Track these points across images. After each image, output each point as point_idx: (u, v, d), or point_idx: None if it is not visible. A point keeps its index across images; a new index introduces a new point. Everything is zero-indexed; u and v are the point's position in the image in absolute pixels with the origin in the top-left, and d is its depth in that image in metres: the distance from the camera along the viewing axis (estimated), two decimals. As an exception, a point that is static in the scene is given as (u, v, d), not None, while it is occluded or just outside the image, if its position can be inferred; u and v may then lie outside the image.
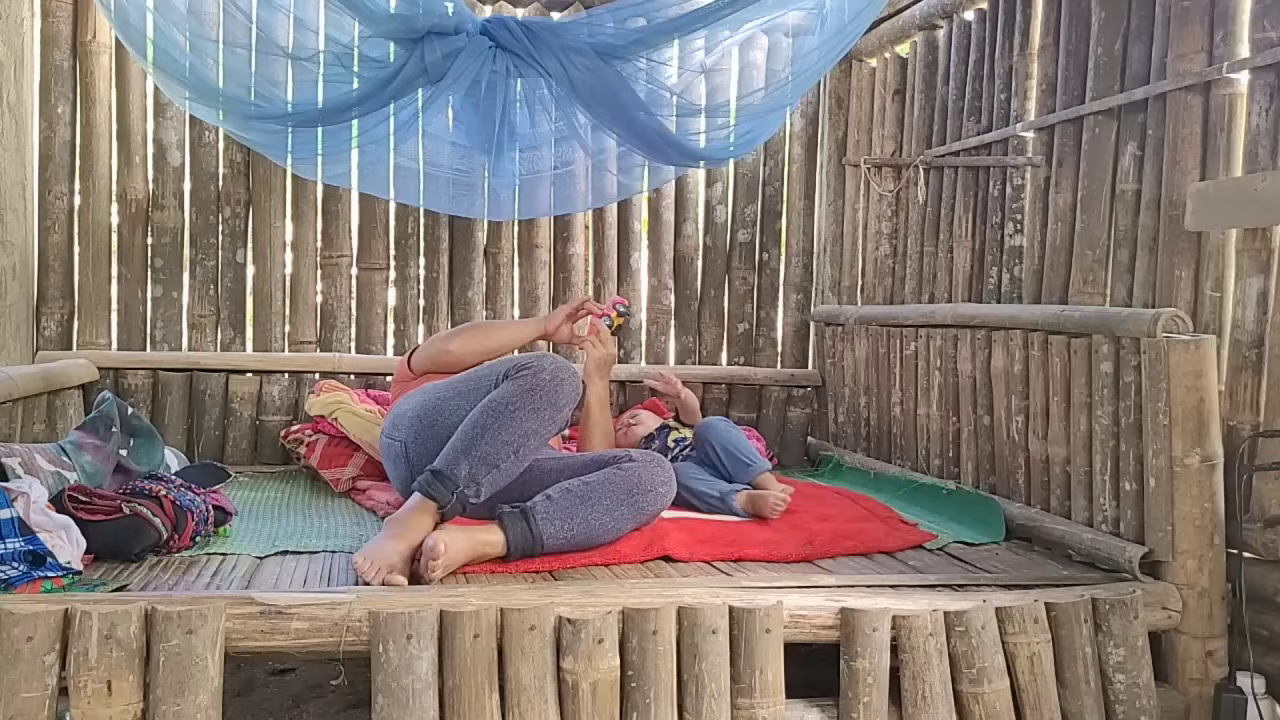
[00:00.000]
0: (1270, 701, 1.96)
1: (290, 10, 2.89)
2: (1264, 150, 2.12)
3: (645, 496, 2.16)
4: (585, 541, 2.09)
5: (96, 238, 3.30)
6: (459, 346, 2.65)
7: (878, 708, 1.77)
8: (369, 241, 3.52)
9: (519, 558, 2.03)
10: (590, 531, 2.08)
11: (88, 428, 2.42)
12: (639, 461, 2.21)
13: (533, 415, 2.11)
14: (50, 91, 3.22)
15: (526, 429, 2.10)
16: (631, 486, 2.15)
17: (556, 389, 2.15)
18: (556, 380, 2.16)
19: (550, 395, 2.14)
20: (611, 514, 2.11)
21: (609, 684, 1.66)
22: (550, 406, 2.14)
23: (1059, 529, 2.32)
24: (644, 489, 2.16)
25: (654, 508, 2.20)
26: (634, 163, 3.38)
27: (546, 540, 2.03)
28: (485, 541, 2.00)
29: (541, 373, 2.15)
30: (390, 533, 1.99)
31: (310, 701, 2.42)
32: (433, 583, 1.90)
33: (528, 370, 2.16)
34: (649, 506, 2.18)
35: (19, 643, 1.49)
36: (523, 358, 2.25)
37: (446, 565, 1.92)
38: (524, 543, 2.01)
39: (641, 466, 2.20)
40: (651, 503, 2.18)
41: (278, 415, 3.40)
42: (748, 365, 3.82)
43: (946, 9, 3.18)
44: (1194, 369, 2.02)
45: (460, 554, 1.95)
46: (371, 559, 1.90)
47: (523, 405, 2.10)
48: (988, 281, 2.97)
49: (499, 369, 2.24)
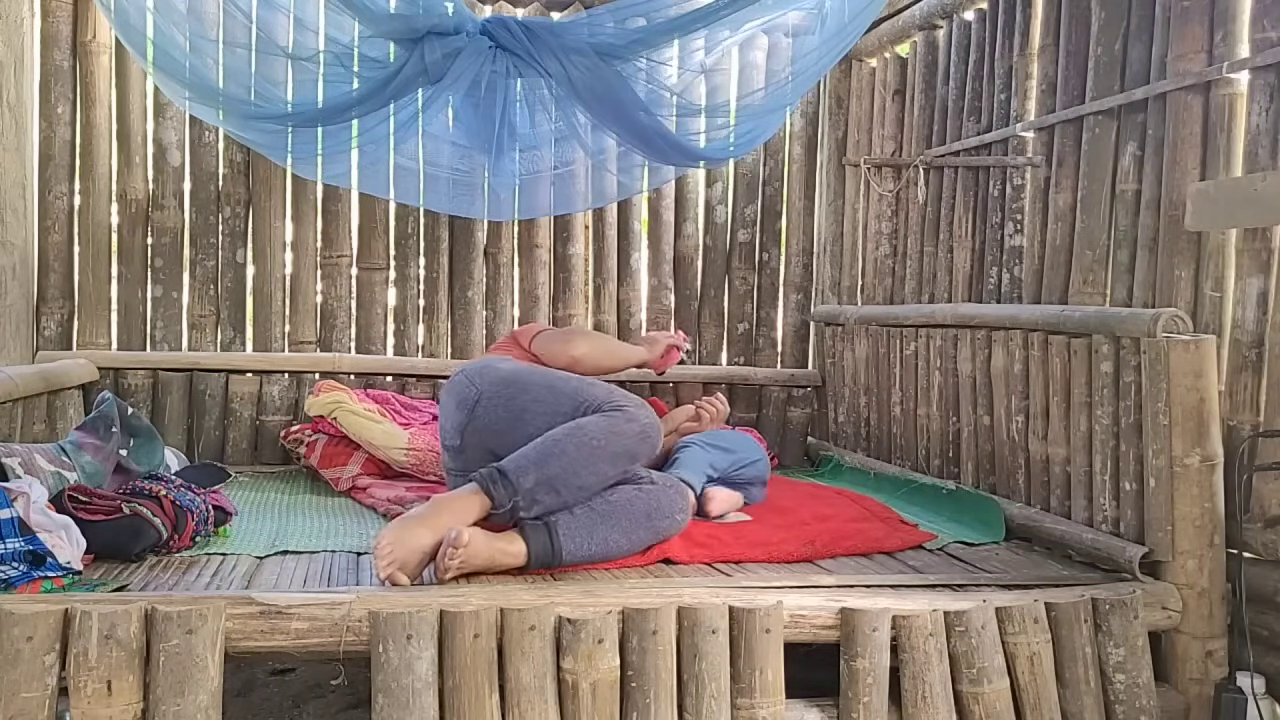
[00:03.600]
0: (1270, 701, 1.96)
1: (290, 10, 2.89)
2: (1264, 150, 2.12)
3: (663, 521, 2.17)
4: (602, 558, 2.09)
5: (96, 238, 3.30)
6: (588, 357, 2.63)
7: (878, 708, 1.77)
8: (369, 241, 3.52)
9: (537, 569, 2.02)
10: (608, 550, 2.09)
11: (88, 428, 2.42)
12: (660, 486, 2.22)
13: (611, 460, 2.12)
14: (50, 91, 3.22)
15: (601, 471, 2.10)
16: (651, 510, 2.15)
17: (641, 444, 2.18)
18: (645, 436, 2.19)
19: (634, 447, 2.16)
20: (629, 536, 2.11)
21: (609, 684, 1.66)
22: (629, 458, 2.16)
23: (1059, 529, 2.32)
24: (663, 514, 2.17)
25: (670, 532, 2.21)
26: (634, 163, 3.38)
27: (565, 556, 2.02)
28: (505, 551, 1.97)
29: (634, 423, 2.17)
30: (429, 512, 1.95)
31: (310, 701, 2.42)
32: (444, 578, 1.88)
33: (622, 414, 2.18)
34: (665, 531, 2.19)
35: (19, 643, 1.49)
36: (626, 397, 2.25)
37: (464, 562, 1.89)
38: (545, 555, 2.00)
39: (662, 491, 2.20)
40: (668, 528, 2.19)
41: (278, 415, 3.40)
42: (748, 365, 3.82)
43: (946, 9, 3.18)
44: (1194, 369, 2.02)
45: (478, 557, 1.93)
46: (393, 546, 1.87)
47: (607, 446, 2.11)
48: (988, 281, 2.96)
49: (597, 396, 2.23)
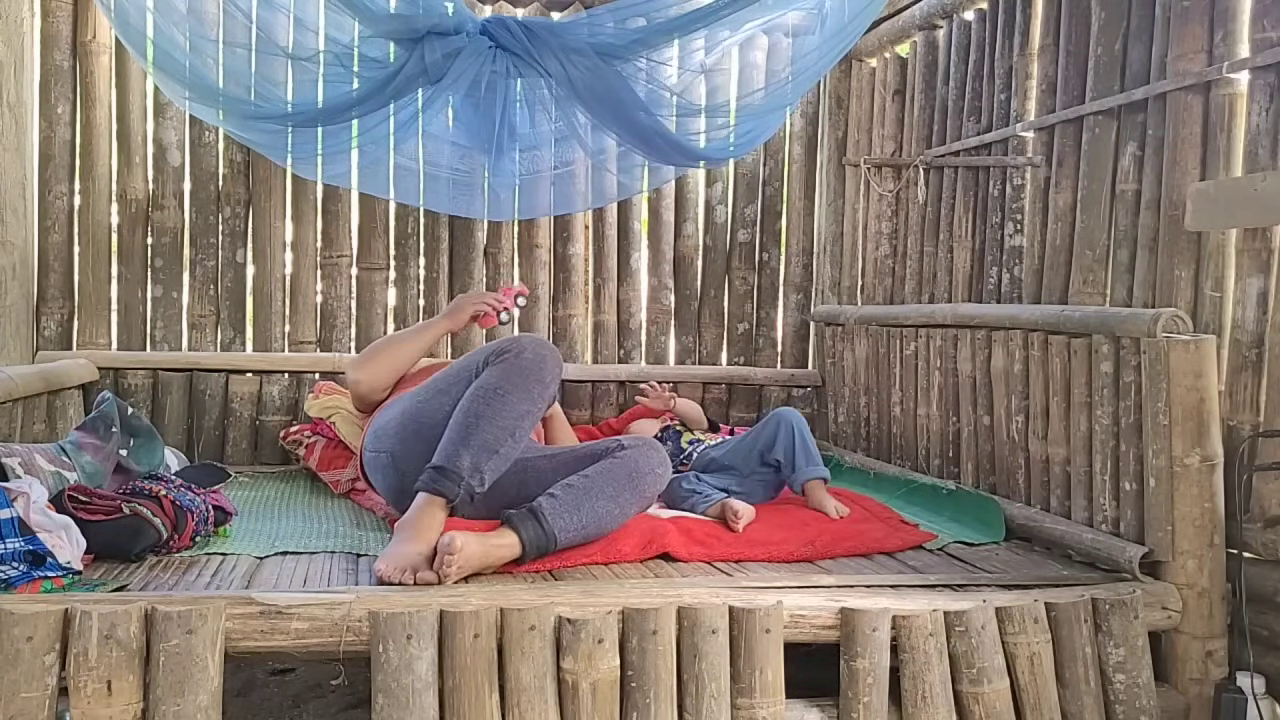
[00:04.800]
0: (1270, 701, 1.96)
1: (290, 10, 2.88)
2: (1264, 150, 2.12)
3: (645, 479, 2.18)
4: (595, 531, 2.09)
5: (96, 238, 3.30)
6: (367, 376, 2.62)
7: (878, 708, 1.77)
8: (369, 241, 3.52)
9: (535, 558, 2.01)
10: (599, 520, 2.09)
11: (88, 428, 2.42)
12: (632, 447, 2.22)
13: (524, 395, 2.13)
14: (50, 91, 3.23)
15: (520, 410, 2.11)
16: (630, 471, 2.16)
17: (541, 365, 2.18)
18: (540, 357, 2.19)
19: (537, 373, 2.17)
20: (616, 500, 2.11)
21: (609, 684, 1.66)
22: (538, 384, 2.16)
23: (1059, 529, 2.32)
24: (643, 472, 2.18)
25: (655, 489, 2.22)
26: (634, 163, 3.38)
27: (560, 536, 2.02)
28: (498, 545, 1.96)
29: (524, 352, 2.18)
30: (404, 536, 1.97)
31: (310, 701, 2.42)
32: (446, 584, 1.88)
33: (509, 353, 2.19)
34: (650, 489, 2.20)
35: (19, 643, 1.49)
36: (500, 343, 2.26)
37: (461, 567, 1.89)
38: (539, 541, 2.00)
39: (636, 451, 2.21)
40: (651, 484, 2.20)
41: (278, 415, 3.40)
42: (748, 365, 3.82)
43: (946, 9, 3.18)
44: (1194, 369, 2.02)
45: (474, 558, 1.92)
46: (396, 563, 1.88)
47: (512, 387, 2.12)
48: (988, 281, 2.96)
49: (477, 358, 2.26)
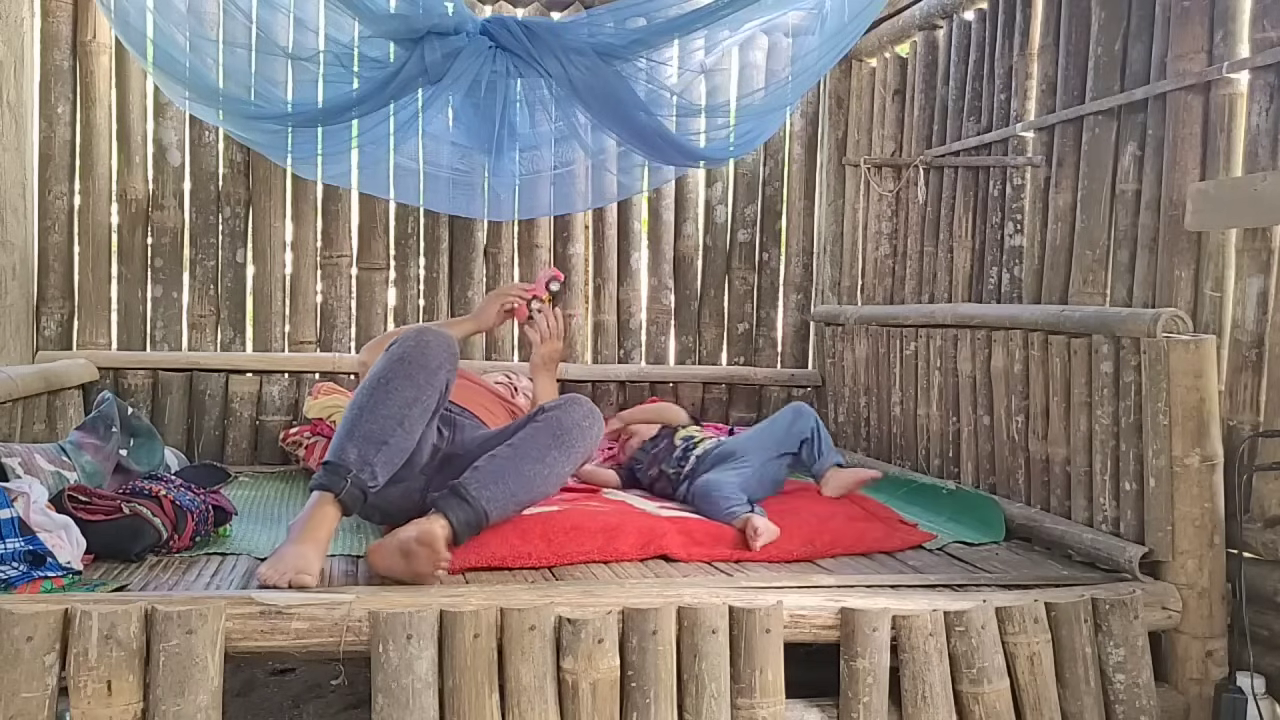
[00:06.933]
0: (1270, 701, 1.96)
1: (290, 10, 2.89)
2: (1264, 150, 2.12)
3: (570, 435, 2.14)
4: (527, 497, 2.07)
5: (96, 238, 3.30)
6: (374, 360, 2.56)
7: (878, 708, 1.77)
8: (369, 241, 3.52)
9: (470, 535, 1.97)
10: (528, 484, 2.06)
11: (88, 428, 2.43)
12: (554, 408, 2.19)
13: (408, 382, 2.07)
14: (50, 91, 3.23)
15: (406, 398, 2.05)
16: (554, 430, 2.13)
17: (424, 350, 2.11)
18: (422, 343, 2.12)
19: (420, 358, 2.10)
20: (542, 461, 2.08)
21: (609, 684, 1.66)
22: (423, 370, 2.09)
23: (1059, 529, 2.32)
24: (566, 428, 2.14)
25: (585, 444, 2.17)
26: (634, 163, 3.37)
27: (489, 509, 1.98)
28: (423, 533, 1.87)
29: (406, 340, 2.13)
30: (293, 536, 1.90)
31: (310, 701, 2.42)
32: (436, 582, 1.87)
33: (395, 343, 2.15)
34: (579, 444, 2.15)
35: (19, 643, 1.49)
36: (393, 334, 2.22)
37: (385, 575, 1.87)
38: (468, 517, 1.96)
39: (559, 410, 2.18)
40: (579, 439, 2.15)
41: (278, 415, 3.40)
42: (748, 365, 3.82)
43: (946, 9, 3.18)
44: (1194, 369, 2.02)
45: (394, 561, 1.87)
46: (276, 566, 1.81)
47: (396, 374, 2.07)
48: (988, 281, 2.96)
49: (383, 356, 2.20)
